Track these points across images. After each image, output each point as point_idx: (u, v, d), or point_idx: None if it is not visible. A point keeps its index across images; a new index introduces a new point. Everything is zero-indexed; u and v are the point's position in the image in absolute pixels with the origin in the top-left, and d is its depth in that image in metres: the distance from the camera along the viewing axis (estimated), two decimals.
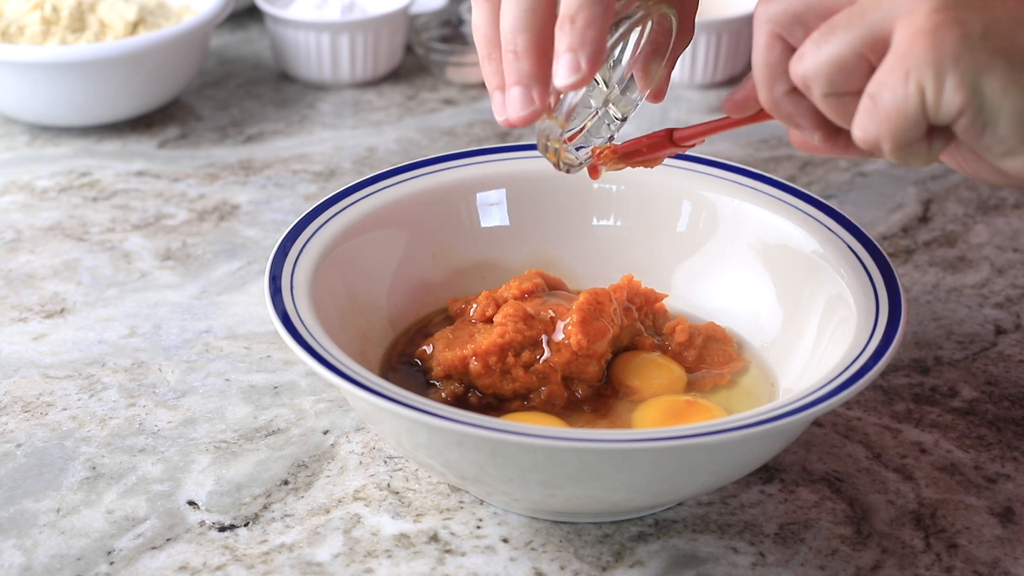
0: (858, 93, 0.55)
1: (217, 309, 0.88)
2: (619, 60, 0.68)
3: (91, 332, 0.86)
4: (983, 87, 0.52)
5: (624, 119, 0.70)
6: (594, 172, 0.70)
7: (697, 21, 1.18)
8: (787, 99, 0.58)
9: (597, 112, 0.69)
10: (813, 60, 0.55)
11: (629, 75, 0.69)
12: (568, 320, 0.72)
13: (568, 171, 0.69)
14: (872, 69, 0.54)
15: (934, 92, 0.52)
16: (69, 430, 0.77)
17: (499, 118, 0.62)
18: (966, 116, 0.53)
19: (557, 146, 0.65)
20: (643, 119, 1.17)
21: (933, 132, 0.54)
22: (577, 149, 0.70)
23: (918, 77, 0.52)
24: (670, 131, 0.68)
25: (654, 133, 0.68)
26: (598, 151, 0.69)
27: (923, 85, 0.52)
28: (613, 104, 0.69)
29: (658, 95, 0.69)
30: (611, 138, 0.70)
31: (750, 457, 0.65)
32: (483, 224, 0.81)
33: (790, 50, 0.57)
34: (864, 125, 0.54)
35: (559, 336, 0.72)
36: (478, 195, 0.81)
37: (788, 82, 0.57)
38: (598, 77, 0.67)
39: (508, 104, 0.61)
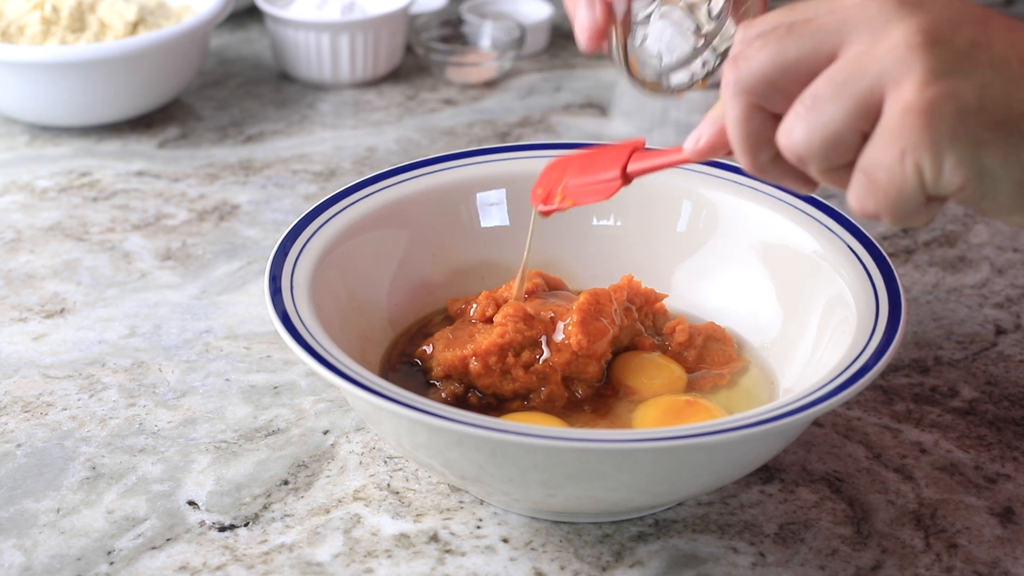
0: (854, 162, 0.53)
1: (217, 309, 0.88)
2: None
3: (91, 332, 0.86)
4: (982, 162, 0.51)
5: (723, 55, 0.69)
6: (546, 214, 0.71)
7: None
8: (773, 165, 0.56)
9: (696, 44, 0.69)
10: (806, 137, 0.53)
11: (727, 11, 0.69)
12: (568, 320, 0.72)
13: (642, 88, 0.70)
14: (865, 137, 0.53)
15: (932, 172, 0.51)
16: (69, 430, 0.77)
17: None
18: (966, 190, 0.52)
19: (621, 54, 0.67)
20: (643, 117, 1.17)
21: (931, 198, 0.53)
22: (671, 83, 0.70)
23: (915, 158, 0.51)
24: (624, 167, 0.67)
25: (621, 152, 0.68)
26: (554, 200, 0.70)
27: (921, 165, 0.51)
28: (711, 39, 0.69)
29: None
30: (709, 74, 0.70)
31: (750, 457, 0.65)
32: (483, 224, 0.81)
33: (770, 117, 0.55)
34: (861, 200, 0.53)
35: (559, 336, 0.72)
36: (478, 195, 0.81)
37: (772, 148, 0.55)
38: (697, 12, 0.68)
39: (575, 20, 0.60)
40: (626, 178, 0.66)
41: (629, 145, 0.66)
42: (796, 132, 0.53)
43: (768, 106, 0.54)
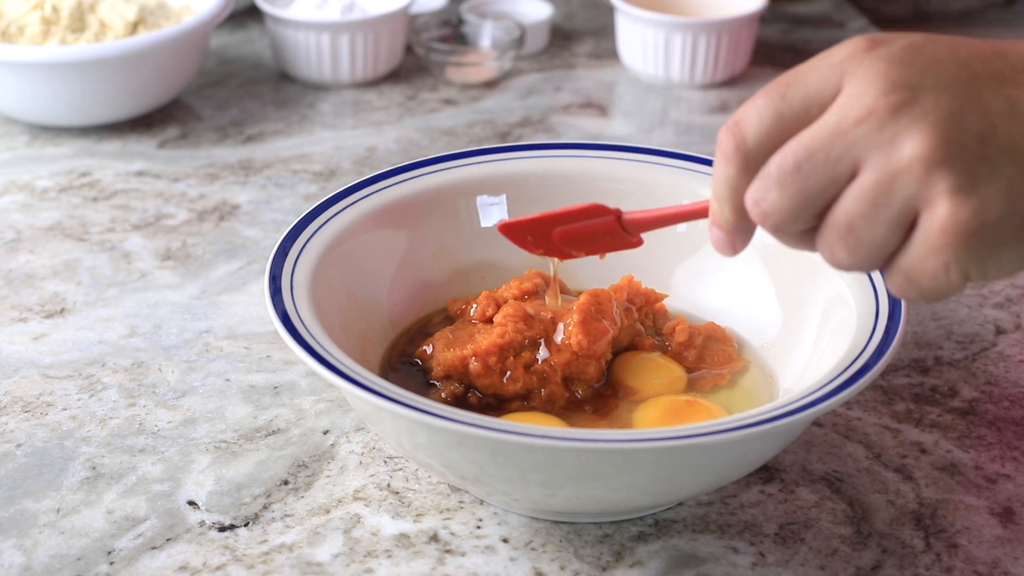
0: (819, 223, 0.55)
1: (217, 309, 0.88)
2: None
3: (91, 332, 0.86)
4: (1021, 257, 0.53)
5: None
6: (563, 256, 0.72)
7: (697, 21, 1.19)
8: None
9: None
10: (849, 258, 0.54)
11: None
12: (568, 320, 0.72)
13: None
14: (901, 242, 0.54)
15: (978, 275, 0.53)
16: (69, 430, 0.77)
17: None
18: (1012, 276, 0.55)
19: None
20: (643, 117, 1.17)
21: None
22: None
23: (960, 268, 0.52)
24: (618, 214, 0.67)
25: (596, 211, 0.67)
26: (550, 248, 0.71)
27: (966, 272, 0.53)
28: None
29: None
30: None
31: (750, 457, 0.65)
32: (483, 224, 0.81)
33: (804, 231, 0.56)
34: (903, 291, 0.55)
35: (559, 336, 0.72)
36: (478, 195, 0.81)
37: (808, 241, 0.57)
38: None
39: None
40: (624, 228, 0.67)
41: (596, 212, 0.67)
42: (840, 255, 0.55)
43: (800, 228, 0.56)
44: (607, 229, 0.67)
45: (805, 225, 0.55)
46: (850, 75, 0.53)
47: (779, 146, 0.55)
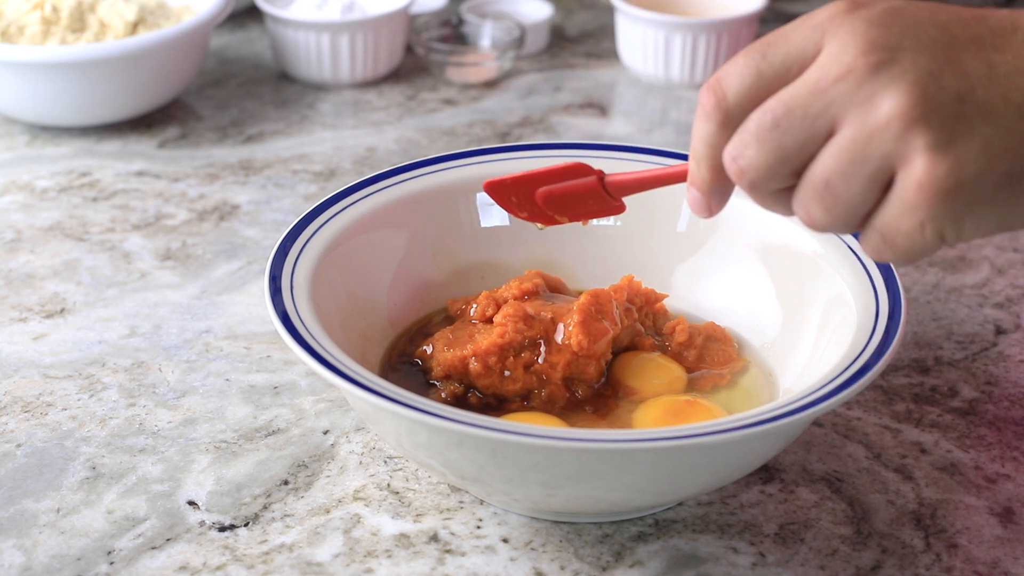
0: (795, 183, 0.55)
1: (217, 309, 0.88)
2: None
3: (91, 332, 0.86)
4: (999, 213, 0.53)
5: None
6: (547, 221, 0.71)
7: (697, 21, 1.19)
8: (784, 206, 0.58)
9: None
10: (825, 216, 0.55)
11: None
12: (569, 321, 0.72)
13: None
14: (877, 201, 0.54)
15: (953, 235, 0.53)
16: (69, 430, 0.77)
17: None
18: (985, 236, 0.55)
19: None
20: (643, 117, 1.17)
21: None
22: None
23: (935, 227, 0.53)
24: (601, 175, 0.67)
25: (579, 170, 0.67)
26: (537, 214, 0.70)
27: (941, 231, 0.53)
28: None
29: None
30: None
31: (750, 457, 0.65)
32: (483, 224, 0.81)
33: (781, 189, 0.57)
34: (878, 252, 0.55)
35: (559, 336, 0.72)
36: (478, 195, 0.81)
37: (786, 203, 0.57)
38: None
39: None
40: (607, 190, 0.67)
41: (580, 171, 0.67)
42: (815, 213, 0.55)
43: (777, 186, 0.56)
44: (590, 190, 0.67)
45: (781, 183, 0.56)
46: (831, 35, 0.54)
47: (759, 104, 0.55)
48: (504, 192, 0.70)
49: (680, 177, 0.62)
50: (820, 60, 0.54)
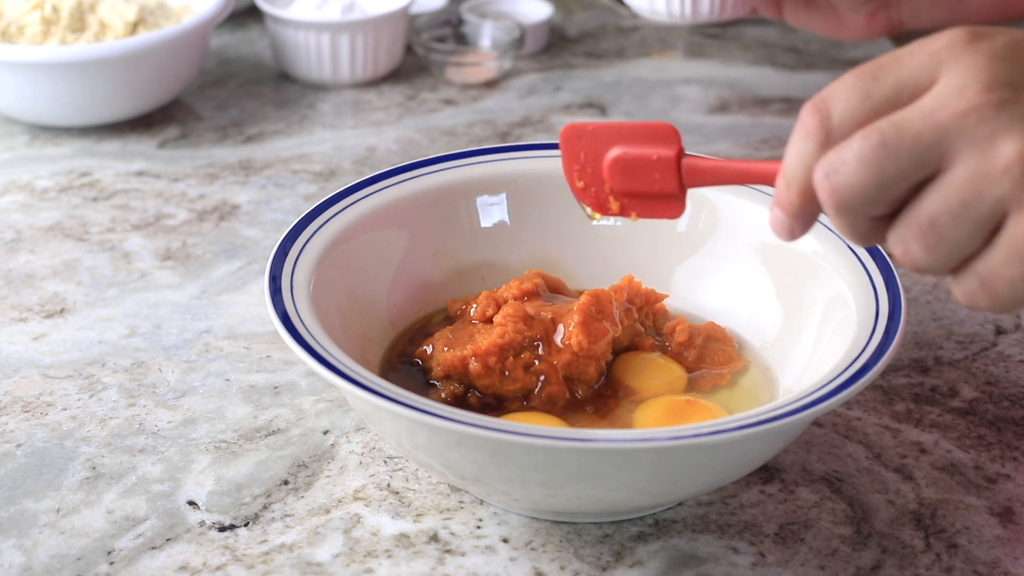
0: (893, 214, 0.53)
1: (217, 309, 0.88)
2: None
3: (91, 332, 0.86)
4: None
5: None
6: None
7: None
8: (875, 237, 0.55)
9: None
10: (925, 257, 0.52)
11: None
12: (569, 321, 0.72)
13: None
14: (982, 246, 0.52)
15: None
16: (69, 430, 0.77)
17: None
18: None
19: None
20: (643, 117, 1.17)
21: None
22: None
23: None
24: (680, 151, 0.62)
25: (663, 133, 0.62)
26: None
27: None
28: None
29: None
30: None
31: (750, 457, 0.65)
32: (483, 224, 0.81)
33: (873, 219, 0.54)
34: (972, 298, 0.53)
35: (559, 337, 0.72)
36: (478, 195, 0.81)
37: (878, 235, 0.55)
38: None
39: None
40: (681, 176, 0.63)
41: (665, 137, 0.63)
42: (915, 252, 0.53)
43: (866, 213, 0.54)
44: (662, 164, 0.62)
45: (871, 211, 0.53)
46: (949, 66, 0.51)
47: (858, 129, 0.52)
48: (578, 142, 0.65)
49: (762, 178, 0.59)
50: (937, 90, 0.51)
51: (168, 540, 0.69)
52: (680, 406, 0.72)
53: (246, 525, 0.70)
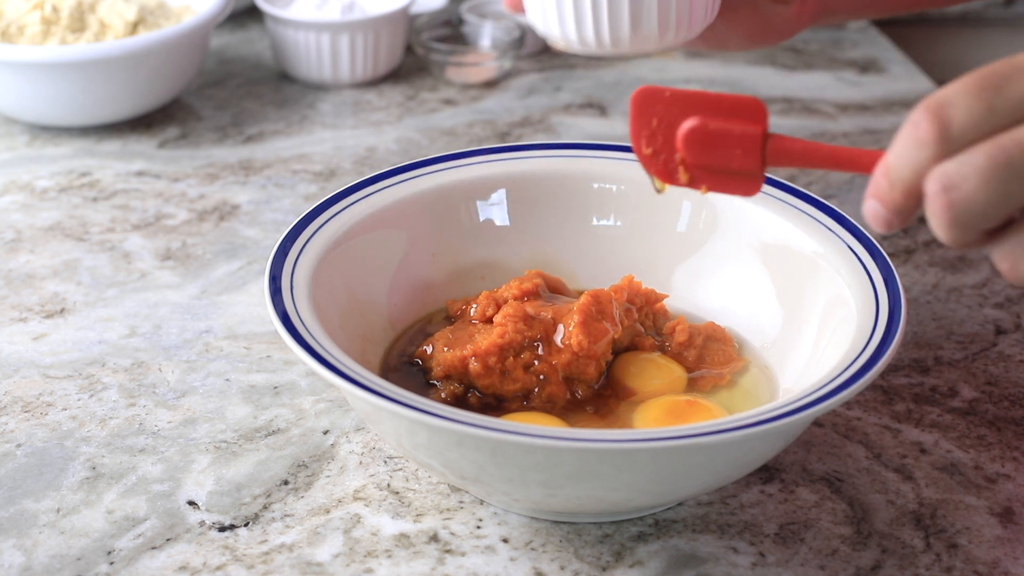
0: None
1: (217, 309, 0.88)
2: None
3: (91, 332, 0.86)
4: None
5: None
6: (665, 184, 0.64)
7: None
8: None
9: None
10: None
11: None
12: (569, 321, 0.72)
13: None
14: None
15: None
16: (69, 430, 0.77)
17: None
18: None
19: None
20: None
21: None
22: None
23: None
24: (765, 131, 0.59)
25: (750, 108, 0.59)
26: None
27: None
28: None
29: None
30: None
31: (750, 457, 0.65)
32: (483, 224, 0.81)
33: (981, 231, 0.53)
34: None
35: (559, 337, 0.72)
36: (478, 195, 0.81)
37: (980, 241, 0.54)
38: None
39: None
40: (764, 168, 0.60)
41: (751, 112, 0.59)
42: (1023, 269, 0.52)
43: (980, 228, 0.53)
44: (746, 139, 0.59)
45: (986, 226, 0.52)
46: None
47: (983, 140, 0.51)
48: (652, 107, 0.61)
49: (855, 165, 0.57)
50: None
51: (168, 540, 0.69)
52: (680, 406, 0.72)
53: (246, 525, 0.70)
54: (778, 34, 0.83)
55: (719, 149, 0.60)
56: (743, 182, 0.60)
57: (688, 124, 0.60)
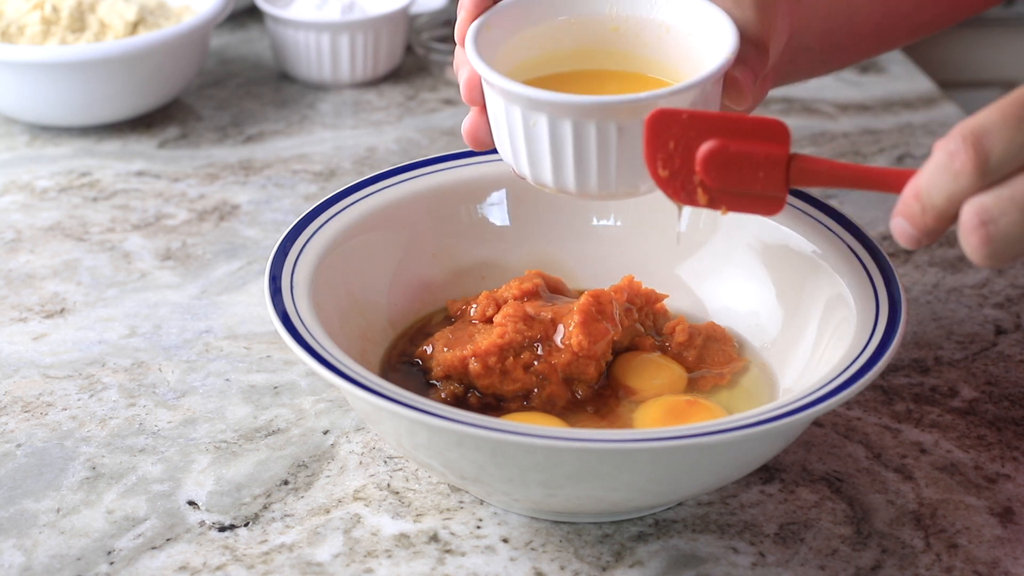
0: None
1: (217, 309, 0.88)
2: None
3: (91, 332, 0.86)
4: None
5: None
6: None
7: None
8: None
9: None
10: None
11: None
12: (569, 321, 0.72)
13: None
14: None
15: None
16: (69, 430, 0.77)
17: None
18: None
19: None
20: None
21: None
22: None
23: None
24: (788, 153, 0.58)
25: (772, 130, 0.58)
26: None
27: None
28: None
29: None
30: None
31: (750, 457, 0.65)
32: (483, 224, 0.81)
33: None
34: None
35: (559, 337, 0.72)
36: (478, 195, 0.81)
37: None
38: None
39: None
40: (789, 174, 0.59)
41: (773, 133, 0.58)
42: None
43: (1018, 257, 0.53)
44: (769, 164, 0.58)
45: (1021, 256, 0.52)
46: None
47: (1018, 173, 0.50)
48: (668, 129, 0.59)
49: (883, 185, 0.57)
50: None
51: (168, 540, 0.69)
52: (680, 406, 0.72)
53: (246, 525, 0.70)
54: (750, 104, 0.81)
55: (741, 171, 0.59)
56: (765, 203, 0.60)
57: (707, 146, 0.59)
